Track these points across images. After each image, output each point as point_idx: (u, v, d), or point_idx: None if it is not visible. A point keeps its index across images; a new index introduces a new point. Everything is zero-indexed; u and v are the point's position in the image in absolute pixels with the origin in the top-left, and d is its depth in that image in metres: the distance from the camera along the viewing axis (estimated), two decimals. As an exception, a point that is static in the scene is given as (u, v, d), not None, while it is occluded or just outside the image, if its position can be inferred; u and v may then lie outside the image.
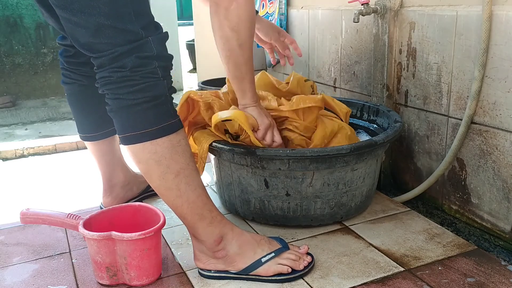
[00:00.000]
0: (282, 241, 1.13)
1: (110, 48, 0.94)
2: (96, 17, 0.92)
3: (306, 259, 1.10)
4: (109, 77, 0.96)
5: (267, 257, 1.07)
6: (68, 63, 1.31)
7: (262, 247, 1.08)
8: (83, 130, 1.37)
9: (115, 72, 0.95)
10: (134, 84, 0.95)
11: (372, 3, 1.50)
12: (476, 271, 1.08)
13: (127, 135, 0.98)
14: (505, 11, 1.14)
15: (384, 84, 1.54)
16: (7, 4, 3.44)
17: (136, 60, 0.94)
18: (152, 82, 0.96)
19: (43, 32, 3.56)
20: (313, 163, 1.19)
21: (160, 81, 0.97)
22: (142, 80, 0.95)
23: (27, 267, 1.18)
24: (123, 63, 0.94)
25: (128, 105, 0.96)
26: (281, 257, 1.08)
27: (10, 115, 3.10)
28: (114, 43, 0.94)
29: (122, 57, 0.94)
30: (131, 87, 0.95)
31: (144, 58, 0.95)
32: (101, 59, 0.95)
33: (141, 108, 0.96)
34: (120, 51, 0.94)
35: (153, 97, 0.96)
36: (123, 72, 0.94)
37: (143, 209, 1.16)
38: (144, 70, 0.95)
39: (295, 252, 1.10)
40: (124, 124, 0.98)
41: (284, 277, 1.06)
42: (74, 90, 1.33)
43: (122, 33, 0.93)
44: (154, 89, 0.97)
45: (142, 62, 0.95)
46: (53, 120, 2.97)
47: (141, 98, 0.96)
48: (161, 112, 0.98)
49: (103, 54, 0.95)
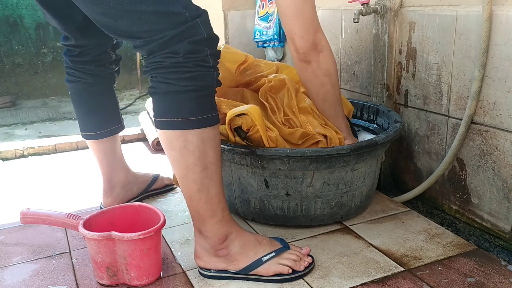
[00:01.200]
0: (283, 242, 1.13)
1: (157, 34, 0.92)
2: (135, 5, 0.90)
3: (307, 259, 1.10)
4: (161, 62, 0.94)
5: (267, 256, 1.07)
6: (73, 62, 1.31)
7: (263, 247, 1.08)
8: (86, 128, 1.37)
9: (168, 57, 0.94)
10: (186, 71, 0.94)
11: (372, 3, 1.50)
12: (476, 271, 1.08)
13: (165, 120, 0.97)
14: (505, 11, 1.14)
15: (384, 84, 1.54)
16: (7, 4, 3.44)
17: (188, 46, 0.93)
18: (204, 71, 0.96)
19: (43, 32, 3.56)
20: (313, 163, 1.19)
21: (211, 71, 0.97)
22: (195, 69, 0.95)
23: (27, 267, 1.18)
24: (176, 48, 0.93)
25: (176, 90, 0.95)
26: (281, 257, 1.08)
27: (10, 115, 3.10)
28: (161, 29, 0.92)
29: (173, 42, 0.92)
30: (183, 74, 0.94)
31: (196, 43, 0.94)
32: (151, 45, 0.94)
33: (188, 96, 0.95)
34: (170, 35, 0.92)
35: (202, 87, 0.96)
36: (177, 58, 0.93)
37: (143, 209, 1.16)
38: (197, 57, 0.94)
39: (296, 253, 1.10)
40: (165, 108, 0.97)
41: (284, 277, 1.06)
42: (78, 88, 1.33)
43: (166, 16, 0.92)
44: (204, 79, 0.96)
45: (194, 48, 0.94)
46: (53, 120, 2.97)
47: (190, 86, 0.95)
48: (205, 103, 0.98)
49: (152, 39, 0.93)
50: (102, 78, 1.34)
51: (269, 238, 1.13)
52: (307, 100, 1.34)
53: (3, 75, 3.51)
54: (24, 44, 3.54)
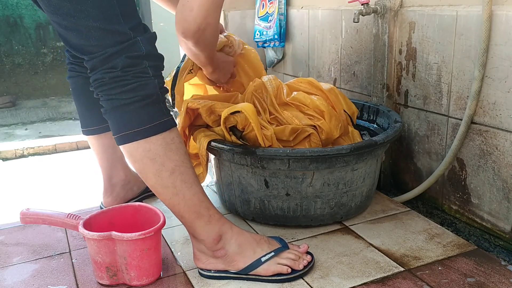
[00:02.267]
0: (281, 241, 1.13)
1: (100, 50, 0.96)
2: (85, 20, 0.94)
3: (306, 258, 1.10)
4: (101, 79, 0.98)
5: (266, 256, 1.07)
6: (74, 57, 1.33)
7: (262, 246, 1.08)
8: (87, 123, 1.37)
9: (107, 73, 0.97)
10: (126, 83, 0.97)
11: (372, 3, 1.50)
12: (476, 271, 1.08)
13: (121, 135, 1.00)
14: (505, 11, 1.14)
15: (384, 84, 1.54)
16: (7, 4, 3.44)
17: (126, 60, 0.96)
18: (144, 81, 0.98)
19: (43, 32, 3.56)
20: (313, 163, 1.19)
21: (151, 80, 0.99)
22: (134, 80, 0.97)
23: (27, 267, 1.18)
24: (114, 63, 0.96)
25: (120, 104, 0.98)
26: (280, 257, 1.08)
27: (10, 115, 3.10)
28: (104, 45, 0.96)
29: (112, 57, 0.96)
30: (123, 87, 0.97)
31: (134, 57, 0.97)
32: (93, 61, 0.97)
33: (134, 107, 0.98)
34: (110, 52, 0.95)
35: (144, 96, 0.98)
36: (115, 73, 0.96)
37: (143, 209, 1.16)
38: (135, 69, 0.97)
39: (295, 252, 1.10)
40: (118, 124, 1.00)
41: (284, 277, 1.06)
42: (79, 82, 1.35)
43: (111, 34, 0.95)
44: (146, 88, 0.98)
45: (132, 62, 0.96)
46: (53, 120, 2.97)
47: (133, 97, 0.98)
48: (153, 111, 1.00)
49: (95, 55, 0.97)
50: None
51: (267, 237, 1.12)
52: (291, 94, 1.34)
53: (3, 75, 3.51)
54: (24, 44, 3.54)
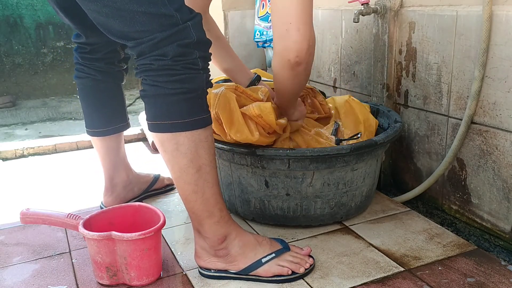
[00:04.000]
0: (283, 242, 1.12)
1: (147, 35, 0.92)
2: (128, 5, 0.91)
3: (308, 261, 1.09)
4: (150, 65, 0.95)
5: (267, 257, 1.07)
6: (84, 58, 1.32)
7: (263, 247, 1.08)
8: (93, 125, 1.37)
9: (156, 60, 0.94)
10: (174, 73, 0.94)
11: (372, 3, 1.50)
12: (476, 271, 1.08)
13: (157, 123, 0.98)
14: (505, 11, 1.14)
15: (384, 84, 1.54)
16: (7, 4, 3.44)
17: (177, 49, 0.93)
18: (193, 74, 0.96)
19: (43, 32, 3.56)
20: (313, 163, 1.19)
21: (200, 74, 0.97)
22: (183, 71, 0.95)
23: (27, 267, 1.18)
24: (164, 51, 0.93)
25: (165, 93, 0.96)
26: (281, 258, 1.08)
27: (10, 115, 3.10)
28: (151, 30, 0.92)
29: (162, 44, 0.93)
30: (171, 77, 0.94)
31: (185, 46, 0.94)
32: (140, 46, 0.94)
33: (177, 98, 0.96)
34: (160, 37, 0.92)
35: (191, 89, 0.96)
36: (165, 61, 0.93)
37: (143, 209, 1.16)
38: (185, 59, 0.94)
39: (296, 254, 1.10)
40: (156, 112, 0.97)
41: (284, 278, 1.06)
42: (87, 84, 1.34)
43: (157, 18, 0.92)
44: (193, 81, 0.96)
45: (183, 51, 0.94)
46: (53, 120, 2.97)
47: (179, 88, 0.95)
48: (196, 106, 0.98)
49: (142, 41, 0.93)
50: (111, 76, 1.36)
51: (269, 238, 1.12)
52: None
53: (3, 75, 3.51)
54: (24, 44, 3.54)
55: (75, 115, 3.03)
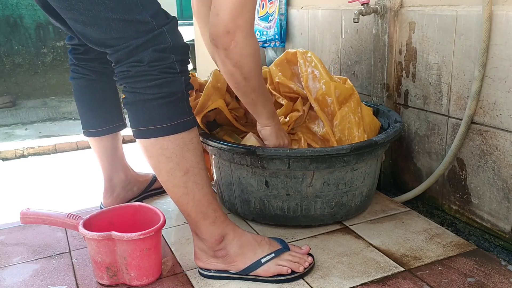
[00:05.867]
0: (282, 242, 1.13)
1: (123, 42, 0.93)
2: (103, 12, 0.91)
3: (307, 260, 1.10)
4: (127, 71, 0.95)
5: (267, 257, 1.07)
6: (78, 59, 1.33)
7: (263, 247, 1.08)
8: (89, 125, 1.37)
9: (132, 66, 0.94)
10: (151, 79, 0.95)
11: (372, 3, 1.50)
12: (476, 271, 1.08)
13: (140, 129, 0.98)
14: (505, 11, 1.14)
15: (384, 84, 1.54)
16: (7, 4, 3.44)
17: (153, 54, 0.93)
18: (170, 78, 0.96)
19: (43, 32, 3.56)
20: (313, 163, 1.19)
21: (177, 77, 0.97)
22: (160, 75, 0.95)
23: (27, 267, 1.18)
24: (140, 57, 0.93)
25: (144, 99, 0.96)
26: (281, 258, 1.08)
27: (10, 115, 3.10)
28: (127, 37, 0.93)
29: (138, 50, 0.93)
30: (148, 82, 0.95)
31: (161, 51, 0.94)
32: (117, 54, 0.95)
33: (157, 103, 0.96)
34: (135, 44, 0.93)
35: (169, 93, 0.96)
36: (141, 67, 0.94)
37: (143, 209, 1.16)
38: (162, 64, 0.94)
39: (296, 253, 1.10)
40: (138, 118, 0.98)
41: (284, 277, 1.06)
42: (81, 84, 1.34)
43: (132, 25, 0.92)
44: (171, 85, 0.96)
45: (159, 55, 0.94)
46: (53, 120, 2.97)
47: (157, 93, 0.95)
48: (176, 109, 0.98)
49: (118, 48, 0.94)
50: (105, 75, 1.36)
51: (268, 238, 1.12)
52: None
53: (3, 75, 3.51)
54: (24, 44, 3.54)
55: (75, 115, 3.03)
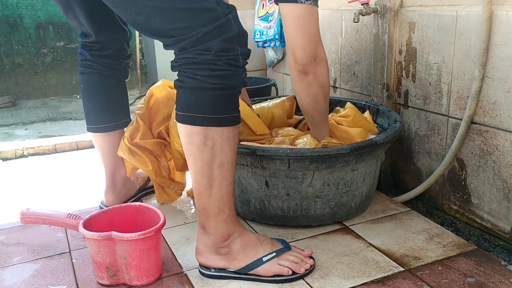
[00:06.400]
0: (284, 242, 1.13)
1: (191, 31, 0.92)
2: (170, 2, 0.90)
3: (308, 262, 1.10)
4: (192, 58, 0.95)
5: (268, 256, 1.07)
6: (93, 55, 1.32)
7: (264, 247, 1.09)
8: (96, 121, 1.36)
9: (199, 54, 0.94)
10: (216, 68, 0.94)
11: (372, 3, 1.50)
12: (476, 271, 1.08)
13: (188, 114, 0.97)
14: (505, 11, 1.14)
15: (384, 84, 1.54)
16: (7, 4, 3.44)
17: (221, 44, 0.93)
18: (233, 71, 0.96)
19: (43, 32, 3.56)
20: (313, 163, 1.19)
21: (239, 71, 0.98)
22: (225, 67, 0.95)
23: (27, 267, 1.18)
24: (208, 46, 0.93)
25: (203, 87, 0.95)
26: (282, 258, 1.08)
27: (10, 115, 3.10)
28: (194, 25, 0.92)
29: (205, 39, 0.93)
30: (213, 71, 0.95)
31: (228, 40, 0.94)
32: (183, 42, 0.94)
33: (214, 94, 0.96)
34: (203, 32, 0.92)
35: (229, 86, 0.97)
36: (208, 56, 0.93)
37: (143, 209, 1.16)
38: (228, 56, 0.95)
39: (297, 254, 1.10)
40: (190, 103, 0.97)
41: (284, 278, 1.06)
42: (94, 79, 1.34)
43: (200, 13, 0.92)
44: (233, 78, 0.97)
45: (227, 46, 0.94)
46: (53, 120, 2.97)
47: (218, 84, 0.95)
48: (230, 103, 0.99)
49: (185, 37, 0.93)
50: (118, 72, 1.37)
51: (271, 238, 1.12)
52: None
53: (3, 75, 3.51)
54: (24, 44, 3.54)
55: (75, 115, 3.03)
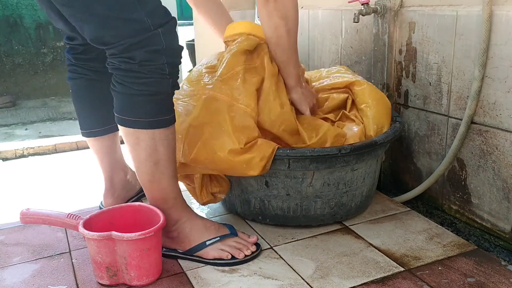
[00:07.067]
0: (231, 229, 1.19)
1: (119, 40, 0.97)
2: (101, 10, 0.94)
3: (250, 248, 1.15)
4: (119, 65, 1.01)
5: (212, 240, 1.15)
6: (76, 59, 1.32)
7: (209, 232, 1.16)
8: (87, 125, 1.37)
9: (124, 62, 0.99)
10: (140, 76, 1.00)
11: (372, 3, 1.50)
12: (476, 271, 1.08)
13: (122, 117, 1.05)
14: (505, 11, 1.14)
15: (384, 84, 1.54)
16: (7, 4, 3.44)
17: (145, 55, 0.98)
18: (158, 78, 1.01)
19: (43, 32, 3.56)
20: (313, 163, 1.19)
21: (166, 79, 1.02)
22: (149, 75, 1.00)
23: (27, 267, 1.18)
24: (133, 55, 0.98)
25: (131, 93, 1.02)
26: (224, 243, 1.15)
27: (10, 115, 3.10)
28: (123, 35, 0.97)
29: (131, 48, 0.98)
30: (138, 79, 1.00)
31: (153, 52, 0.98)
32: (112, 49, 1.00)
33: (142, 99, 1.02)
34: (130, 42, 0.97)
35: (156, 92, 1.02)
36: (132, 64, 0.99)
37: (143, 209, 1.16)
38: (152, 65, 0.99)
39: (241, 240, 1.16)
40: (123, 107, 1.05)
41: (224, 261, 1.12)
42: (81, 84, 1.34)
43: (128, 23, 0.96)
44: (159, 85, 1.02)
45: (150, 56, 0.98)
46: (53, 120, 2.97)
47: (144, 90, 1.01)
48: (160, 107, 1.04)
49: (114, 45, 0.99)
50: (105, 75, 1.35)
51: (218, 224, 1.19)
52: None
53: (3, 75, 3.51)
54: (24, 44, 3.54)
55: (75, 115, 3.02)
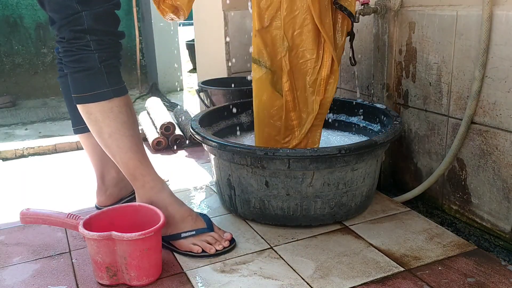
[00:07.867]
0: (208, 222, 1.22)
1: (58, 20, 1.10)
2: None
3: (223, 243, 1.18)
4: (60, 48, 1.13)
5: (187, 233, 1.18)
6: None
7: (186, 223, 1.18)
8: (76, 122, 1.39)
9: (59, 42, 1.13)
10: (71, 54, 1.11)
11: (372, 3, 1.50)
12: (476, 271, 1.08)
13: (74, 96, 1.15)
14: (505, 11, 1.14)
15: (384, 84, 1.54)
16: (7, 4, 3.44)
17: (70, 33, 1.09)
18: (85, 54, 1.10)
19: (43, 32, 3.56)
20: (313, 163, 1.19)
21: (92, 54, 1.11)
22: (77, 51, 1.10)
23: (27, 267, 1.18)
24: (63, 35, 1.10)
25: (70, 72, 1.14)
26: (198, 238, 1.17)
27: (10, 115, 3.10)
28: (60, 17, 1.10)
29: (62, 29, 1.10)
30: (70, 57, 1.12)
31: (76, 31, 1.09)
32: (56, 32, 1.13)
33: (78, 76, 1.13)
34: (60, 24, 1.10)
35: (86, 67, 1.11)
36: (63, 43, 1.11)
37: (143, 209, 1.16)
38: (78, 42, 1.09)
39: (215, 235, 1.19)
40: (72, 86, 1.15)
41: (194, 254, 1.16)
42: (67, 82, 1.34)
43: (63, 7, 1.08)
44: (87, 61, 1.11)
45: (75, 35, 1.09)
46: (53, 120, 2.97)
47: (77, 67, 1.12)
48: (94, 81, 1.12)
49: (54, 27, 1.13)
50: None
51: (196, 215, 1.21)
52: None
53: (3, 75, 3.51)
54: (24, 44, 3.54)
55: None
